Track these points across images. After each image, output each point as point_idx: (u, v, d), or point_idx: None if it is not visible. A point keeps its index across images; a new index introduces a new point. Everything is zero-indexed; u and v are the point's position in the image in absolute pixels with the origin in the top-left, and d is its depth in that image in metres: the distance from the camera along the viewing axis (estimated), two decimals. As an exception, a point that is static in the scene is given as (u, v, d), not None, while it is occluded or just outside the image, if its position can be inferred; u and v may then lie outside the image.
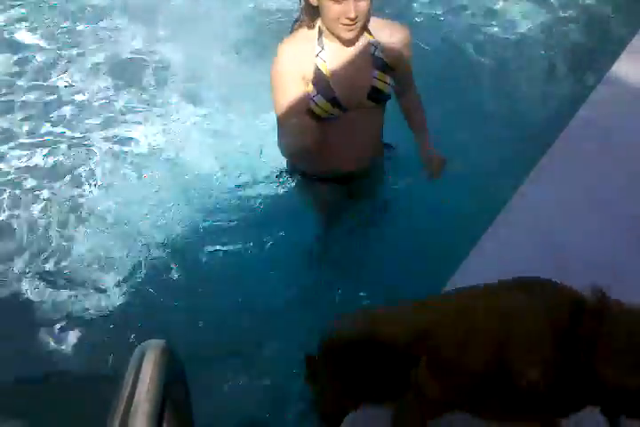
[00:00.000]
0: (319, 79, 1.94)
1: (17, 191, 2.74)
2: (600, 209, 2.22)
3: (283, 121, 1.98)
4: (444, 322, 1.30)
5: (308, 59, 1.94)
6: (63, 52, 3.46)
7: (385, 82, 2.00)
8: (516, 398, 1.18)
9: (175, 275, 2.38)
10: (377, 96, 2.02)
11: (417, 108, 2.24)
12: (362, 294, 2.22)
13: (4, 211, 2.65)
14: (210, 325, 2.19)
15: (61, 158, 2.89)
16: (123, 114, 3.13)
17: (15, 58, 3.43)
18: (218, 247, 2.44)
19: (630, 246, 2.07)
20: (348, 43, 1.93)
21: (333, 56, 1.94)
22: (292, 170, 2.33)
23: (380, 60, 1.99)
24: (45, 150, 2.93)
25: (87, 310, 2.28)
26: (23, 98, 3.21)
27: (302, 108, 1.94)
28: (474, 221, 2.24)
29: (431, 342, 1.29)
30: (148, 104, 3.18)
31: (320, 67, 1.94)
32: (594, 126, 2.58)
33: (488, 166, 2.60)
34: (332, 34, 1.90)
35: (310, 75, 1.94)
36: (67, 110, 3.14)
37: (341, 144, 2.06)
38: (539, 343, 1.13)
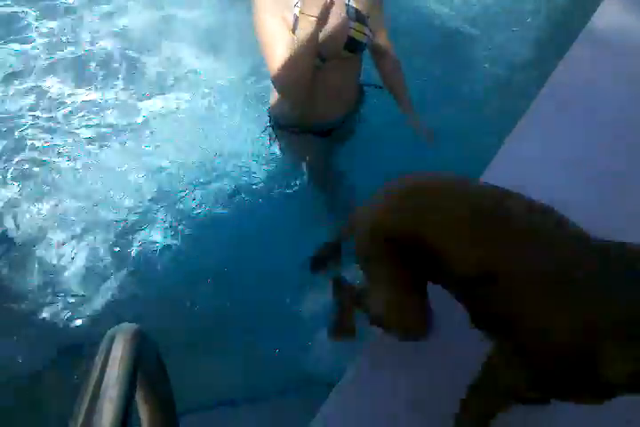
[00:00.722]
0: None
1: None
2: (582, 166, 2.20)
3: (273, 57, 1.98)
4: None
5: (287, 8, 1.97)
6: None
7: (362, 32, 2.04)
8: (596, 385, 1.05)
9: (158, 254, 2.32)
10: (354, 46, 2.05)
11: (395, 69, 2.28)
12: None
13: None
14: (195, 305, 2.15)
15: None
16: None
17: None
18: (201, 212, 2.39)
19: (613, 203, 2.05)
20: None
21: (310, 6, 1.91)
22: (276, 126, 2.34)
23: (353, 10, 2.02)
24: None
25: (59, 294, 2.22)
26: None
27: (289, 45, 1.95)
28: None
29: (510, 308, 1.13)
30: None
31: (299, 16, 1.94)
32: (572, 84, 2.55)
33: (471, 125, 2.60)
34: None
35: (290, 23, 1.96)
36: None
37: (323, 92, 2.11)
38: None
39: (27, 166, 2.61)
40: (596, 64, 2.67)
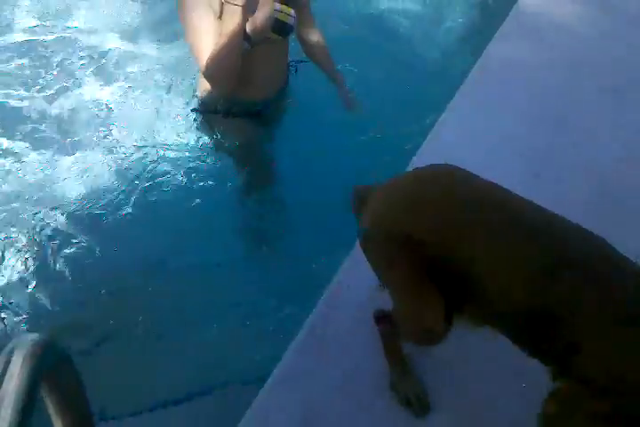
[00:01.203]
0: None
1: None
2: (512, 141, 2.23)
3: (200, 45, 1.98)
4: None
5: None
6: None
7: (288, 14, 2.03)
8: None
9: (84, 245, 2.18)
10: (281, 29, 2.04)
11: (320, 44, 2.31)
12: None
13: None
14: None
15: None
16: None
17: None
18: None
19: (543, 180, 2.07)
20: None
21: None
22: (206, 111, 2.30)
23: None
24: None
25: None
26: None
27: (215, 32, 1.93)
28: (386, 164, 2.22)
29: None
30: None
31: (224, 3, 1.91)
32: (504, 61, 2.56)
33: (398, 110, 2.56)
34: None
35: (217, 9, 1.93)
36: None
37: (252, 76, 2.10)
38: None
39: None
40: (526, 39, 2.70)
